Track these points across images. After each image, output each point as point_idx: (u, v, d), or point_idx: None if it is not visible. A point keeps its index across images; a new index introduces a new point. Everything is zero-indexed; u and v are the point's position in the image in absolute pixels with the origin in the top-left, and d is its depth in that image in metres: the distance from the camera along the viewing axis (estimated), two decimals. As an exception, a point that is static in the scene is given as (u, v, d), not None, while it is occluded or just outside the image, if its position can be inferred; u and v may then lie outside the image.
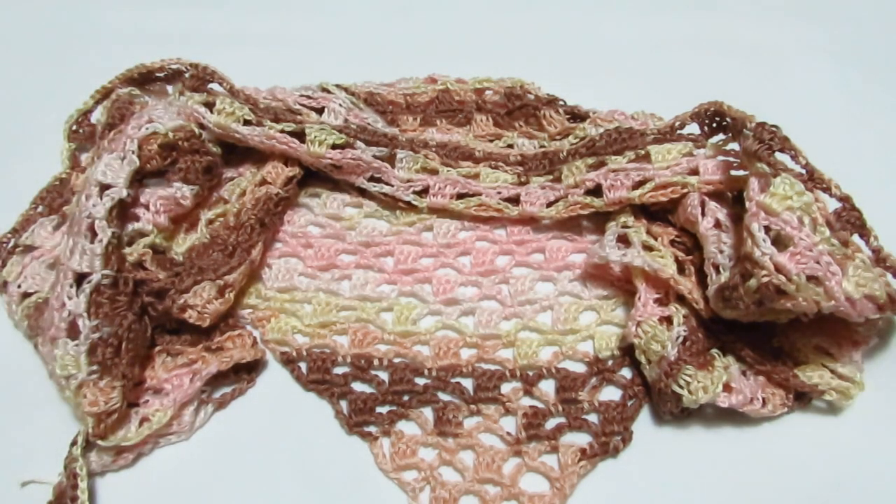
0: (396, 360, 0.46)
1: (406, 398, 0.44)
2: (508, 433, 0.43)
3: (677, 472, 0.42)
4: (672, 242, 0.46)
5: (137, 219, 0.46)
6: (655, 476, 0.42)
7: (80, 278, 0.41)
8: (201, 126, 0.49)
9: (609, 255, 0.45)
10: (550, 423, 0.43)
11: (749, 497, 0.41)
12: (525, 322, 0.47)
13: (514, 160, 0.52)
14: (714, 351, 0.43)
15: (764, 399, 0.42)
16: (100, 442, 0.40)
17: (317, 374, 0.45)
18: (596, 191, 0.48)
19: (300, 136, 0.49)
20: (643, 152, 0.47)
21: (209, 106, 0.49)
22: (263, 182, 0.50)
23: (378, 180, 0.51)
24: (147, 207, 0.46)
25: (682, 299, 0.44)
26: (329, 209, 0.52)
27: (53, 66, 0.63)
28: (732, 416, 0.42)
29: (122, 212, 0.45)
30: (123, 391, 0.41)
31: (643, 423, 0.43)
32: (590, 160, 0.49)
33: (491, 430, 0.43)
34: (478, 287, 0.49)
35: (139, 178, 0.46)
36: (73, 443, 0.40)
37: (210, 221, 0.49)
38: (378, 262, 0.50)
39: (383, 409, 0.44)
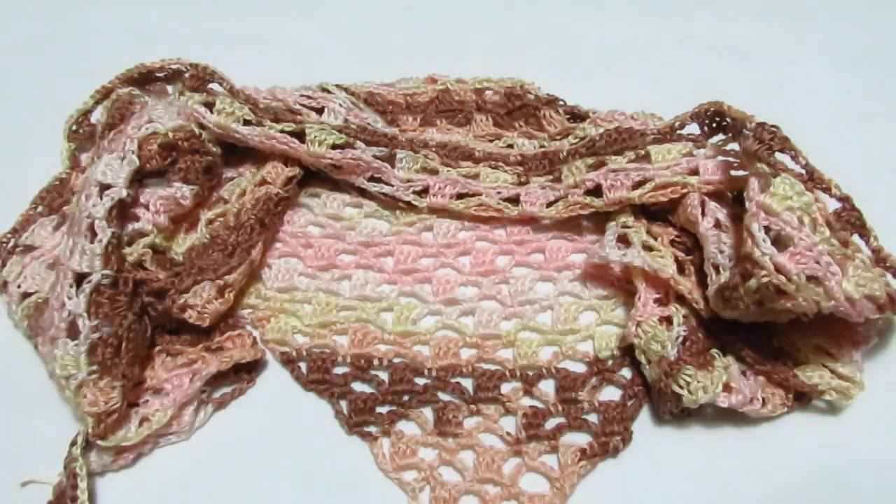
0: (396, 360, 0.46)
1: (406, 398, 0.44)
2: (508, 433, 0.43)
3: (677, 472, 0.42)
4: (672, 242, 0.46)
5: (137, 219, 0.46)
6: (655, 476, 0.42)
7: (79, 278, 0.41)
8: (201, 126, 0.49)
9: (609, 255, 0.45)
10: (550, 423, 0.43)
11: (749, 497, 0.41)
12: (525, 322, 0.47)
13: (514, 160, 0.52)
14: (714, 351, 0.43)
15: (764, 399, 0.42)
16: (100, 442, 0.40)
17: (317, 374, 0.45)
18: (596, 191, 0.48)
19: (300, 136, 0.49)
20: (643, 152, 0.47)
21: (209, 106, 0.49)
22: (263, 182, 0.50)
23: (378, 180, 0.51)
24: (147, 207, 0.46)
25: (682, 299, 0.44)
26: (329, 209, 0.52)
27: (53, 66, 0.63)
28: (732, 416, 0.42)
29: (122, 212, 0.45)
30: (123, 391, 0.41)
31: (643, 423, 0.43)
32: (590, 160, 0.49)
33: (491, 430, 0.43)
34: (478, 287, 0.49)
35: (139, 178, 0.46)
36: (73, 443, 0.40)
37: (210, 221, 0.49)
38: (378, 262, 0.50)
39: (383, 409, 0.44)
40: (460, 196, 0.51)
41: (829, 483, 0.41)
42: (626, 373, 0.45)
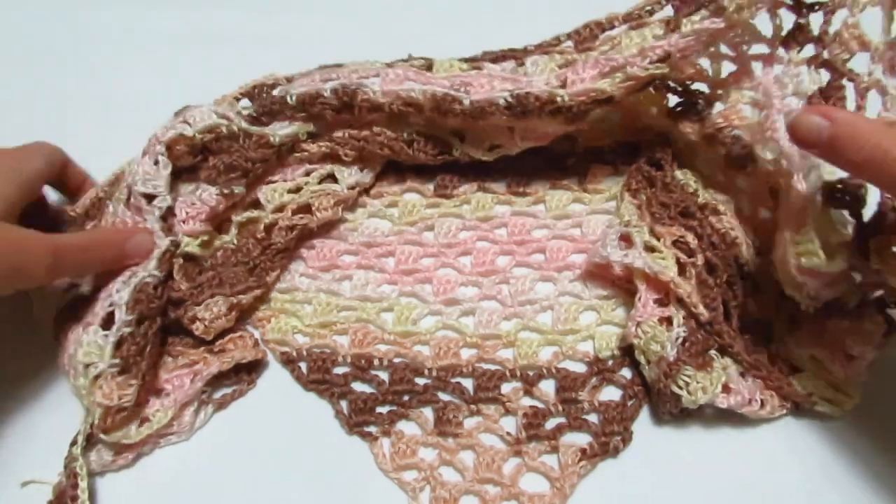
0: (396, 360, 0.46)
1: (406, 398, 0.44)
2: (508, 433, 0.43)
3: (677, 472, 0.42)
4: (674, 243, 0.46)
5: (171, 228, 0.46)
6: (655, 476, 0.42)
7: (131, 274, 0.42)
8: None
9: (610, 255, 0.45)
10: (550, 423, 0.43)
11: (749, 497, 0.41)
12: (525, 322, 0.47)
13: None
14: (712, 352, 0.43)
15: (762, 400, 0.42)
16: (102, 436, 0.40)
17: (317, 374, 0.45)
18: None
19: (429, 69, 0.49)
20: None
21: None
22: (307, 209, 0.49)
23: None
24: (177, 215, 0.46)
25: (682, 300, 0.44)
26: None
27: (54, 66, 0.63)
28: (732, 416, 0.42)
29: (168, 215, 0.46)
30: (137, 391, 0.41)
31: (643, 423, 0.43)
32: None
33: (491, 430, 0.43)
34: (478, 287, 0.48)
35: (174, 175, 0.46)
36: (73, 442, 0.40)
37: (241, 225, 0.49)
38: (379, 263, 0.50)
39: (383, 409, 0.44)
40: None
41: (827, 485, 0.41)
42: (626, 373, 0.45)
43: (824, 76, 0.42)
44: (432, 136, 0.50)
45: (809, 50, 0.43)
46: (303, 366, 0.46)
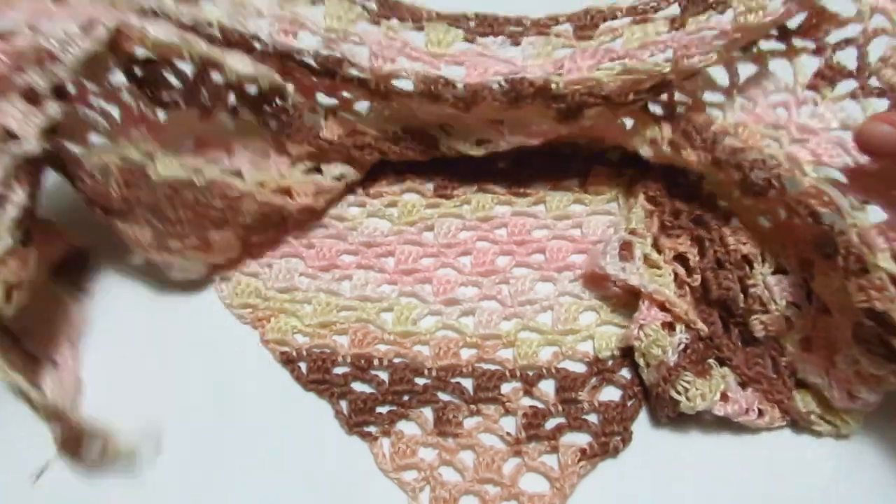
0: (396, 360, 0.46)
1: (406, 398, 0.44)
2: (508, 433, 0.43)
3: (678, 473, 0.42)
4: (676, 258, 0.45)
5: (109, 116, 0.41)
6: (655, 476, 0.42)
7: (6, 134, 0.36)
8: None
9: (607, 267, 0.45)
10: (550, 423, 0.43)
11: (750, 498, 0.41)
12: (525, 322, 0.47)
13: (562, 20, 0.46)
14: (711, 361, 0.42)
15: (761, 410, 0.42)
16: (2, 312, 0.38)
17: (317, 374, 0.45)
18: None
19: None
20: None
21: None
22: (288, 191, 0.47)
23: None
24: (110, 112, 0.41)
25: (679, 317, 0.43)
26: (333, 209, 0.52)
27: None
28: (732, 420, 0.42)
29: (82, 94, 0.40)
30: (35, 265, 0.39)
31: (643, 423, 0.43)
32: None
33: (491, 430, 0.43)
34: (478, 287, 0.48)
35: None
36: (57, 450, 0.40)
37: (215, 184, 0.44)
38: (379, 263, 0.49)
39: (383, 409, 0.44)
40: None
41: (826, 487, 0.41)
42: (626, 373, 0.45)
43: (876, 104, 0.41)
44: (418, 131, 0.48)
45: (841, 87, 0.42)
46: (302, 366, 0.46)
